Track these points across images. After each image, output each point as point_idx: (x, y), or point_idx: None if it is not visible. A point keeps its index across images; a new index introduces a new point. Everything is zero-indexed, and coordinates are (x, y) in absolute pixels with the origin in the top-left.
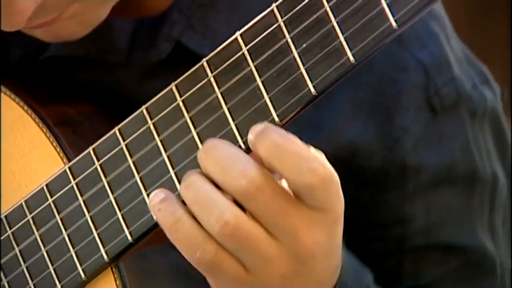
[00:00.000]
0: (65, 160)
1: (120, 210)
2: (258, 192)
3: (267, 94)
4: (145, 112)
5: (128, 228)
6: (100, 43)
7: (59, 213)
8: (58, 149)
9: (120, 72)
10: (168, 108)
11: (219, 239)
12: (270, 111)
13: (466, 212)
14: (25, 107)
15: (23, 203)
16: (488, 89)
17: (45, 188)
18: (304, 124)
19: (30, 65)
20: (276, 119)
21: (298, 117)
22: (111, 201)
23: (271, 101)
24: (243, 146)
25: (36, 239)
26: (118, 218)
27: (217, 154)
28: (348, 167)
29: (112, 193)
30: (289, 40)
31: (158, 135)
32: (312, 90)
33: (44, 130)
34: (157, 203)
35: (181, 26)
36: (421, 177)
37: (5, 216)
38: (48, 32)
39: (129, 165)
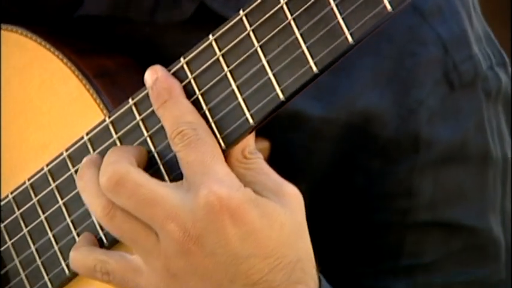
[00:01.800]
0: (104, 111)
1: (161, 160)
2: (118, 187)
3: (305, 44)
4: (185, 66)
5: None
6: (127, 1)
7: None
8: (98, 101)
9: (146, 31)
10: (208, 63)
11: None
12: (307, 59)
13: (478, 191)
14: (64, 60)
15: (65, 154)
16: (504, 72)
17: (85, 137)
18: (323, 89)
19: (66, 22)
20: (314, 67)
21: (319, 83)
22: (153, 155)
23: (308, 51)
24: (281, 95)
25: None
26: (159, 167)
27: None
28: (360, 134)
29: (154, 147)
30: None
31: (199, 90)
32: (349, 38)
33: (83, 82)
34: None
35: None
36: (433, 150)
37: (48, 168)
38: None
39: None
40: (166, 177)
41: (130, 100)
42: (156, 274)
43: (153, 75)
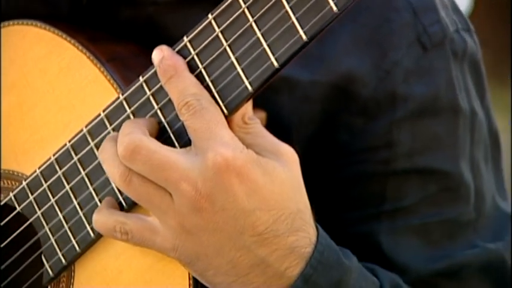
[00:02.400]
0: (118, 90)
1: (170, 129)
2: (134, 155)
3: (294, 15)
4: (188, 44)
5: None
6: None
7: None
8: (111, 81)
9: (151, 9)
10: (208, 39)
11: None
12: (297, 29)
13: (449, 140)
14: (79, 47)
15: (85, 130)
16: (470, 37)
17: (102, 114)
18: (309, 56)
19: (79, 12)
20: (304, 36)
21: (305, 51)
22: (164, 125)
23: (298, 21)
24: (275, 63)
25: (99, 161)
26: (169, 135)
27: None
28: (343, 94)
29: (164, 118)
30: None
31: (201, 64)
32: (334, 8)
33: (98, 66)
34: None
35: None
36: (408, 105)
37: (71, 143)
38: None
39: None
40: (176, 144)
41: (140, 78)
42: (172, 231)
43: (160, 54)
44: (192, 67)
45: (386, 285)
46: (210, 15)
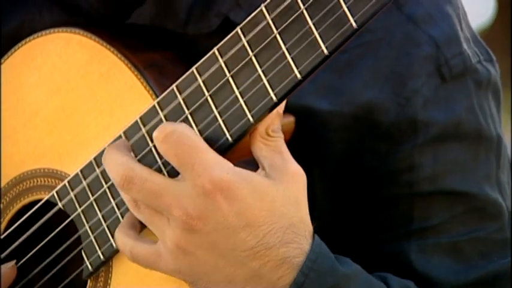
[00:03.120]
0: (153, 97)
1: (201, 135)
2: (129, 185)
3: (317, 31)
4: (216, 53)
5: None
6: (165, 12)
7: (152, 142)
8: (147, 88)
9: (180, 40)
10: (235, 48)
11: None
12: (319, 44)
13: (471, 164)
14: (118, 55)
15: (122, 134)
16: (492, 67)
17: (139, 121)
18: (329, 88)
19: (116, 25)
20: (325, 50)
21: (324, 82)
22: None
23: (320, 36)
24: (298, 75)
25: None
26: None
27: (106, 159)
28: (365, 123)
29: (196, 125)
30: None
31: (229, 72)
32: (354, 24)
33: (135, 73)
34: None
35: (229, 3)
36: (430, 131)
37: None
38: None
39: (207, 99)
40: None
41: (174, 86)
42: (171, 253)
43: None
44: (219, 75)
45: None
46: (239, 29)
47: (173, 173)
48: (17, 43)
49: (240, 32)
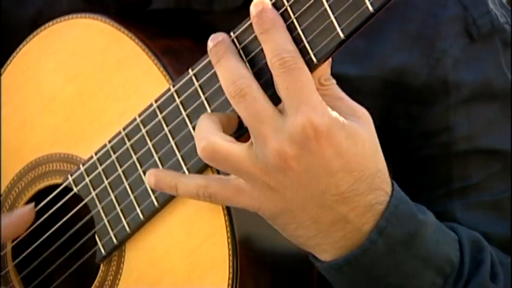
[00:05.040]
0: (170, 82)
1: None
2: (240, 98)
3: (333, 14)
4: None
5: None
6: None
7: (167, 126)
8: (164, 73)
9: (208, 18)
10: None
11: (204, 161)
12: (335, 27)
13: (504, 122)
14: (136, 40)
15: (138, 119)
16: None
17: (154, 104)
18: (358, 53)
19: (135, 13)
20: (341, 34)
21: (353, 48)
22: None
23: (336, 19)
24: (370, 7)
25: (149, 148)
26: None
27: (223, 62)
28: (396, 86)
29: (209, 106)
30: None
31: (294, 14)
32: (370, 7)
33: (152, 58)
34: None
35: None
36: (461, 91)
37: (125, 132)
38: None
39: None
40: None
41: (190, 70)
42: (258, 189)
43: (259, 5)
44: (283, 19)
45: (464, 239)
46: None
47: None
48: (35, 29)
49: None
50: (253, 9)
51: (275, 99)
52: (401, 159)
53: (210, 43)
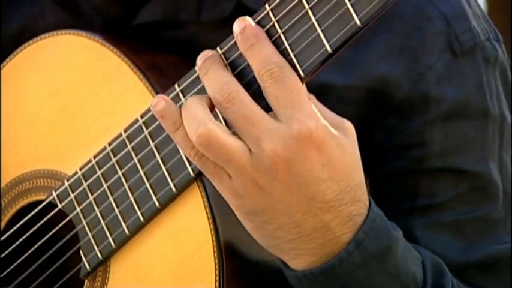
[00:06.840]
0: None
1: None
2: (228, 103)
3: (320, 28)
4: (270, 13)
5: None
6: (175, 4)
7: (153, 141)
8: (149, 89)
9: (194, 29)
10: (290, 5)
11: (197, 147)
12: (323, 42)
13: (479, 142)
14: (121, 56)
15: (124, 135)
16: (499, 47)
17: (140, 119)
18: (344, 62)
19: (120, 28)
20: (328, 49)
21: (339, 58)
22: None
23: (323, 33)
24: (358, 22)
25: (135, 163)
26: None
27: (210, 73)
28: (378, 96)
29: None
30: None
31: (280, 29)
32: (358, 22)
33: (138, 74)
34: (160, 110)
35: None
36: (441, 107)
37: (110, 147)
38: None
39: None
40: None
41: (176, 86)
42: (245, 184)
43: (242, 23)
44: (270, 34)
45: (427, 262)
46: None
47: None
48: (19, 44)
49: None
50: (236, 27)
51: (265, 110)
52: (373, 170)
53: (199, 61)
